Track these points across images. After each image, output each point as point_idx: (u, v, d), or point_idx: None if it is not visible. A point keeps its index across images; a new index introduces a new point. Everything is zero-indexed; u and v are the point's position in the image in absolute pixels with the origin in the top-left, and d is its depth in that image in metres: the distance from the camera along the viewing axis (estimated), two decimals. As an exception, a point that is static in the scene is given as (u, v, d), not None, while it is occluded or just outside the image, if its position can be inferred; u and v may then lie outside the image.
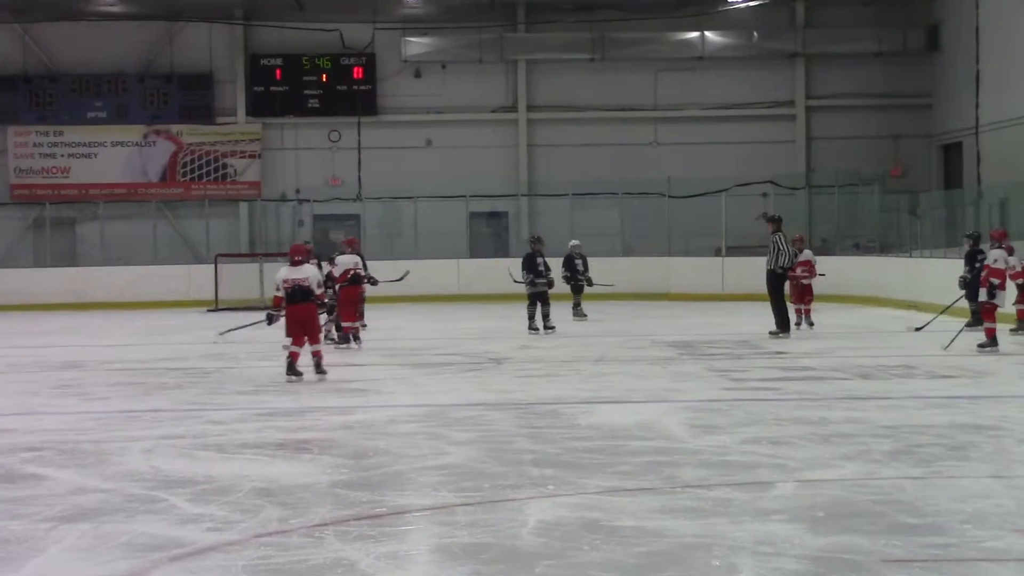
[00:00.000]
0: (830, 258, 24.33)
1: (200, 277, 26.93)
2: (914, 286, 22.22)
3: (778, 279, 17.36)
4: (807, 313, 18.47)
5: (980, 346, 14.53)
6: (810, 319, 18.43)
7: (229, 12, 30.56)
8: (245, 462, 8.12)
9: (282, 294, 12.73)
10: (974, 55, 27.35)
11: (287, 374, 12.53)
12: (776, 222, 17.68)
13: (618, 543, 5.83)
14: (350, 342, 16.46)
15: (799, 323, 18.12)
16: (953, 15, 28.97)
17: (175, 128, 30.64)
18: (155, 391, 12.21)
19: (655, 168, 29.62)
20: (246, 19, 30.74)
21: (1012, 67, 25.81)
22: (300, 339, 12.66)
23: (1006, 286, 15.09)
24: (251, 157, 30.86)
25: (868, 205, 28.15)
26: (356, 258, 16.86)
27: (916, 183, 29.49)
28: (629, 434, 9.01)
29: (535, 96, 30.94)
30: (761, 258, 17.99)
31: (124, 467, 8.00)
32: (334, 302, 16.41)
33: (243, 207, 30.71)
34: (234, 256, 28.29)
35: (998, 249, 15.12)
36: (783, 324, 17.17)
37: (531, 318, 18.29)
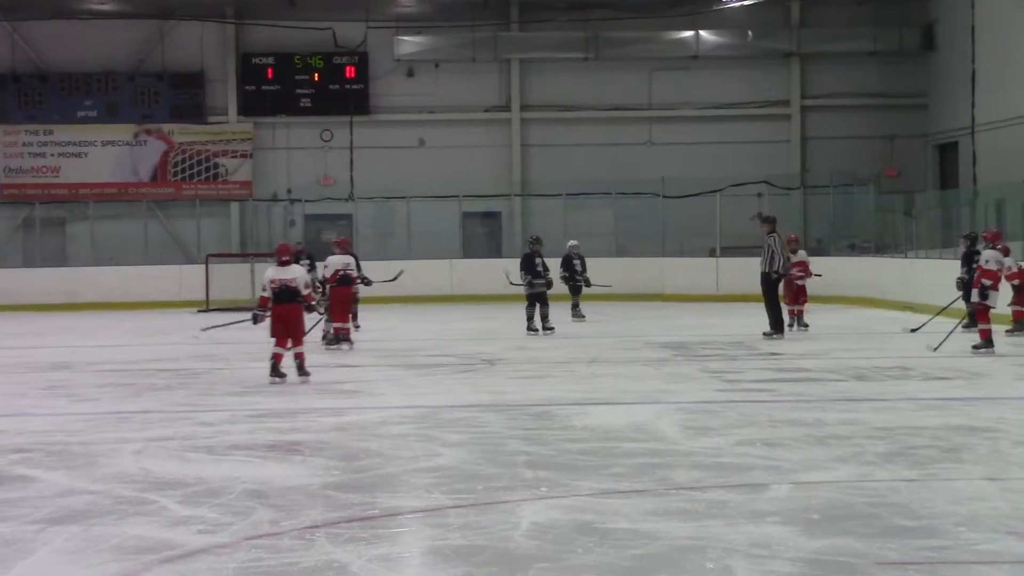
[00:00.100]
0: (825, 259, 24.40)
1: (191, 277, 26.78)
2: (910, 287, 22.17)
3: (772, 281, 17.30)
4: (800, 314, 18.44)
5: (975, 347, 14.52)
6: (803, 320, 18.40)
7: (220, 10, 30.45)
8: (236, 464, 8.12)
9: (268, 294, 12.67)
10: (970, 54, 27.29)
11: (270, 375, 12.50)
12: (771, 223, 17.61)
13: (611, 545, 5.82)
14: (340, 343, 16.38)
15: (792, 324, 18.06)
16: (948, 14, 28.90)
17: (166, 127, 30.51)
18: (145, 392, 12.21)
19: (649, 168, 29.56)
20: (238, 17, 30.63)
21: (1008, 66, 25.75)
22: (283, 340, 12.59)
23: (1000, 287, 15.04)
24: (242, 157, 30.72)
25: (863, 205, 28.06)
26: (347, 259, 16.78)
27: (912, 183, 29.46)
28: (622, 436, 8.99)
29: (529, 95, 30.86)
30: (756, 259, 17.90)
31: (114, 469, 7.99)
32: (327, 303, 16.35)
33: (234, 207, 30.61)
34: (225, 256, 28.19)
35: (992, 250, 15.11)
36: (777, 325, 17.13)
37: (530, 319, 18.24)
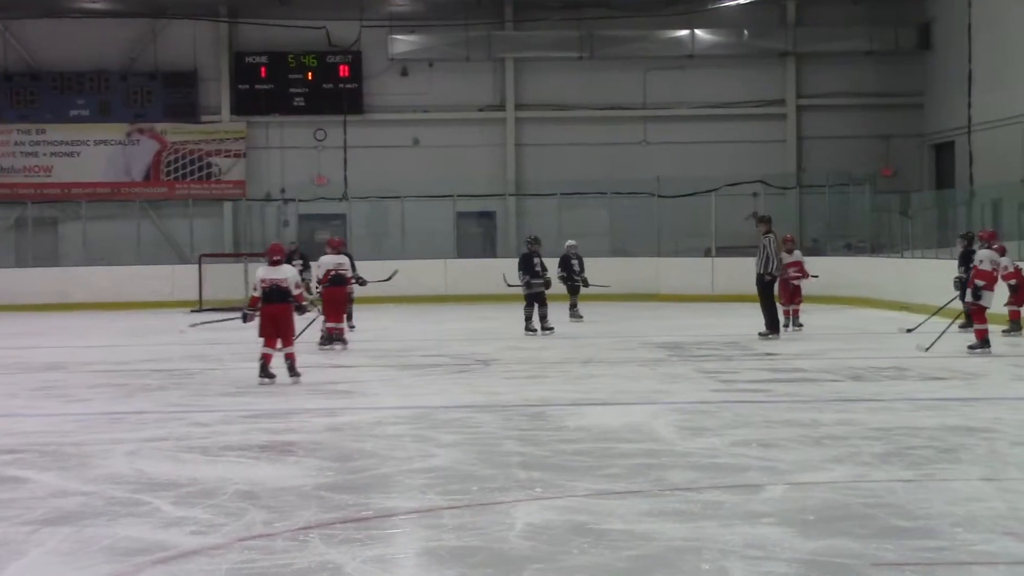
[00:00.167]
0: (821, 258, 24.36)
1: (184, 277, 26.70)
2: (906, 287, 22.14)
3: (767, 282, 17.25)
4: (795, 314, 18.42)
5: (970, 348, 14.51)
6: (798, 320, 18.39)
7: (213, 9, 30.39)
8: (229, 464, 8.10)
9: (259, 293, 12.65)
10: (966, 54, 27.25)
11: (259, 376, 12.48)
12: (766, 222, 17.57)
13: (607, 546, 5.81)
14: (333, 343, 16.35)
15: (787, 324, 18.03)
16: (945, 13, 28.86)
17: (159, 127, 30.45)
18: (138, 393, 12.18)
19: (644, 168, 29.52)
20: (231, 16, 30.56)
21: (1005, 66, 25.69)
22: (272, 340, 12.57)
23: (995, 287, 14.98)
24: (236, 156, 30.67)
25: (859, 205, 28.06)
26: (339, 258, 16.70)
27: (907, 183, 29.43)
28: (618, 436, 8.96)
29: (523, 95, 30.81)
30: (751, 259, 17.91)
31: (107, 470, 7.97)
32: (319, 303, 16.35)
33: (227, 207, 30.55)
34: (218, 256, 28.08)
35: (986, 250, 15.07)
36: (773, 325, 17.11)
37: (528, 319, 18.20)
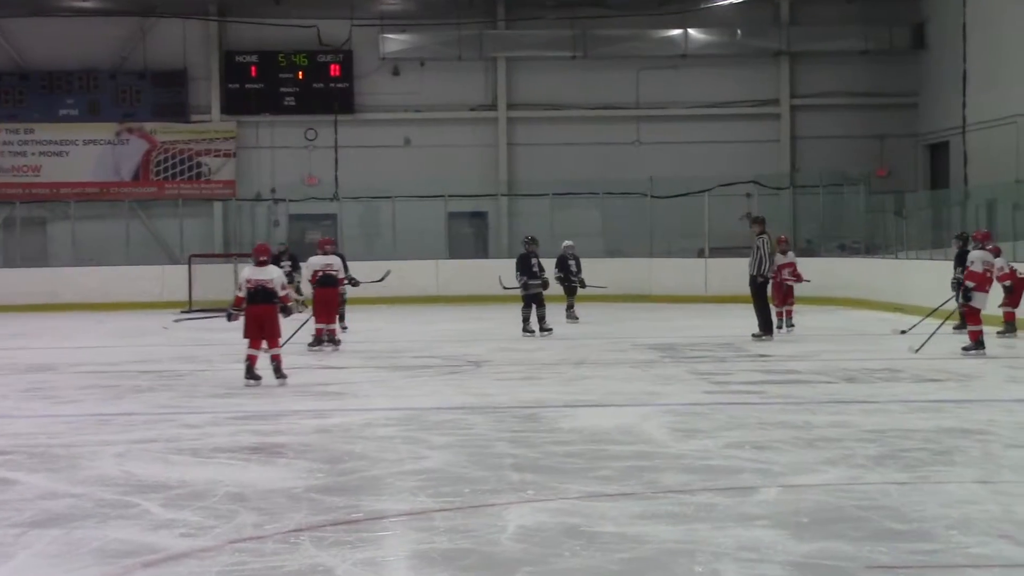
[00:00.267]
0: (815, 259, 24.47)
1: (173, 278, 26.63)
2: (900, 288, 22.11)
3: (760, 284, 17.23)
4: (788, 315, 18.41)
5: (964, 349, 14.51)
6: (791, 321, 18.38)
7: (203, 8, 30.26)
8: (219, 466, 8.10)
9: (244, 294, 12.62)
10: (961, 53, 27.18)
11: (245, 377, 12.44)
12: (760, 223, 17.56)
13: (599, 549, 5.81)
14: (322, 344, 16.30)
15: (780, 326, 18.01)
16: (939, 13, 28.79)
17: (148, 126, 30.29)
18: (128, 394, 12.18)
19: (637, 168, 29.43)
20: (221, 15, 30.43)
21: (1000, 65, 25.61)
22: (257, 341, 12.52)
23: (989, 288, 14.95)
24: (226, 156, 30.52)
25: (853, 205, 28.01)
26: (328, 259, 16.63)
27: (902, 183, 29.33)
28: (610, 438, 8.96)
29: (515, 94, 30.69)
30: (744, 259, 17.89)
31: (96, 471, 7.96)
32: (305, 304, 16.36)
33: (217, 207, 30.40)
34: (208, 256, 27.98)
35: (979, 251, 15.04)
36: (766, 327, 17.11)
37: (525, 320, 18.15)
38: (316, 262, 16.53)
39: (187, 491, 7.23)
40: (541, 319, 18.04)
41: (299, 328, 16.05)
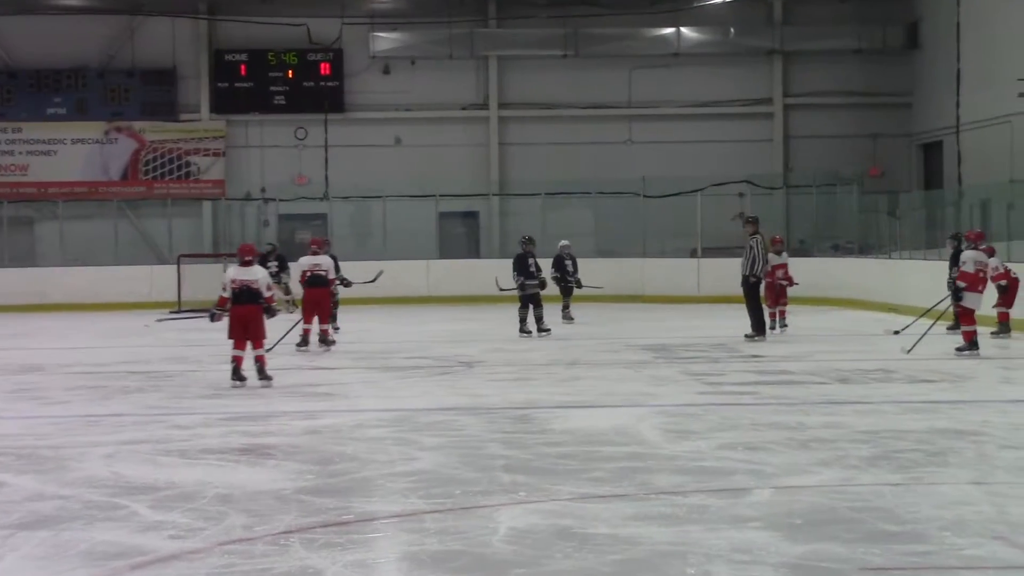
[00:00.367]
0: (808, 259, 24.49)
1: (162, 278, 26.49)
2: (894, 288, 22.06)
3: (754, 284, 17.18)
4: (781, 315, 18.36)
5: (958, 350, 14.49)
6: (784, 321, 18.33)
7: (193, 6, 30.12)
8: (208, 468, 8.10)
9: (228, 294, 12.54)
10: (955, 52, 27.11)
11: (232, 379, 12.37)
12: (754, 223, 17.50)
13: (591, 551, 5.80)
14: (308, 344, 16.24)
15: (773, 326, 17.97)
16: (933, 12, 28.73)
17: (137, 125, 30.13)
18: (116, 395, 12.17)
19: (629, 167, 29.30)
20: (210, 13, 30.30)
21: (993, 65, 25.55)
22: (242, 342, 12.43)
23: (983, 288, 14.90)
24: (215, 155, 30.37)
25: (847, 205, 27.87)
26: (317, 259, 16.59)
27: (895, 183, 29.26)
28: (603, 439, 8.96)
29: (507, 93, 30.58)
30: (737, 260, 17.85)
31: (84, 473, 7.95)
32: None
33: (207, 206, 30.28)
34: (197, 257, 27.87)
35: (971, 251, 15.01)
36: (759, 327, 17.07)
37: (522, 321, 18.09)
38: (305, 262, 16.57)
39: (176, 493, 7.22)
40: (539, 319, 17.98)
41: (290, 329, 16.07)
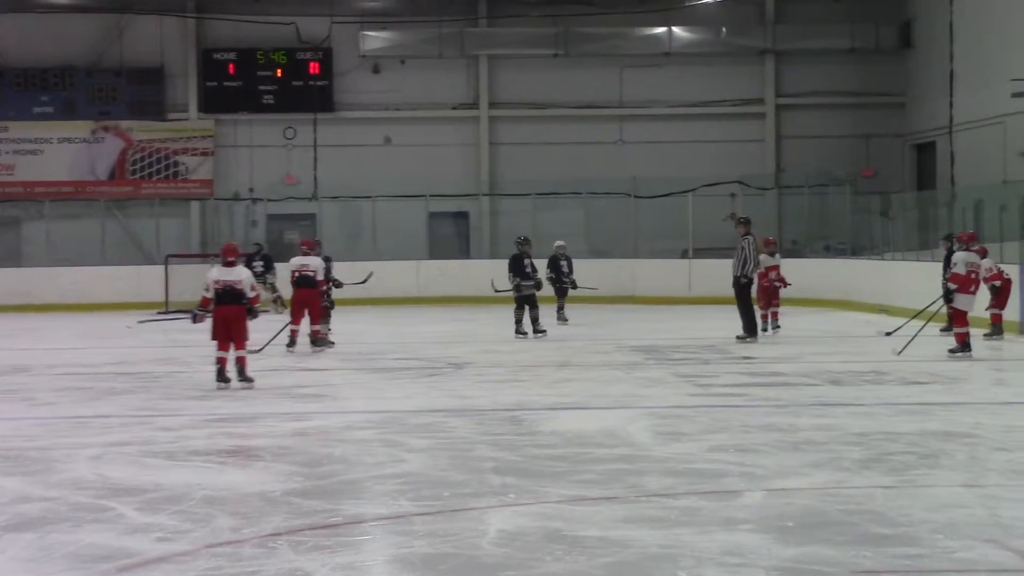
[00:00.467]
0: (800, 260, 24.45)
1: (150, 278, 26.42)
2: (886, 289, 22.04)
3: (744, 285, 17.15)
4: (774, 316, 18.30)
5: (951, 351, 14.47)
6: (776, 322, 18.26)
7: (181, 4, 29.99)
8: (196, 470, 8.09)
9: (211, 295, 12.51)
10: (948, 53, 27.04)
11: (216, 380, 12.33)
12: (745, 224, 17.47)
13: (581, 553, 5.78)
14: (294, 345, 16.21)
15: (765, 328, 17.90)
16: (926, 12, 28.65)
17: (124, 124, 29.98)
18: (103, 396, 12.17)
19: (621, 167, 29.20)
20: (198, 11, 30.16)
21: (987, 65, 25.45)
22: (225, 344, 12.37)
23: (975, 290, 14.86)
24: (203, 155, 30.24)
25: (839, 206, 27.78)
26: (306, 259, 16.56)
27: (888, 184, 29.18)
28: (593, 441, 8.93)
29: (497, 92, 30.45)
30: (729, 260, 17.79)
31: (70, 475, 7.92)
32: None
33: (195, 206, 30.15)
34: (185, 257, 27.72)
35: (963, 252, 14.97)
36: (751, 328, 17.06)
37: (518, 322, 18.04)
38: (295, 262, 16.61)
39: (163, 495, 7.20)
40: (534, 320, 17.93)
41: (281, 330, 16.12)
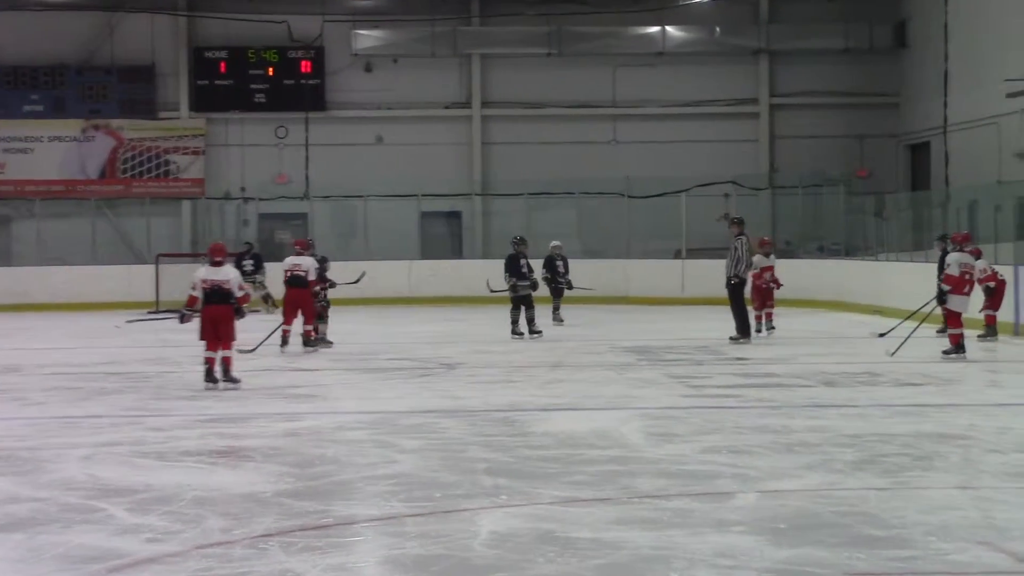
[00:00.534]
0: (793, 261, 24.44)
1: (140, 278, 26.32)
2: (880, 290, 21.99)
3: (737, 285, 17.09)
4: (768, 317, 18.20)
5: (945, 353, 14.45)
6: (771, 323, 18.17)
7: (172, 2, 29.85)
8: (186, 470, 8.08)
9: (198, 294, 12.47)
10: (942, 53, 26.97)
11: (205, 381, 12.31)
12: (739, 224, 17.40)
13: (573, 555, 5.78)
14: (287, 345, 16.23)
15: (759, 329, 17.83)
16: (921, 11, 28.60)
17: (115, 123, 29.85)
18: (94, 396, 12.17)
19: (614, 167, 29.08)
20: (190, 9, 30.03)
21: (981, 65, 25.39)
22: (214, 344, 12.32)
23: (969, 291, 14.82)
24: (194, 153, 30.13)
25: (833, 206, 27.73)
26: (298, 259, 16.56)
27: (882, 184, 29.11)
28: (585, 442, 8.94)
29: (490, 92, 30.34)
30: (722, 261, 17.77)
31: (60, 475, 7.91)
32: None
33: (186, 205, 30.04)
34: (176, 256, 27.58)
35: (957, 253, 14.91)
36: (744, 329, 17.00)
37: (514, 323, 18.00)
38: (288, 262, 16.62)
39: (153, 495, 7.18)
40: (530, 321, 17.89)
41: (274, 331, 16.12)
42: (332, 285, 17.32)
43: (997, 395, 12.00)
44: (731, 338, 16.78)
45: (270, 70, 29.77)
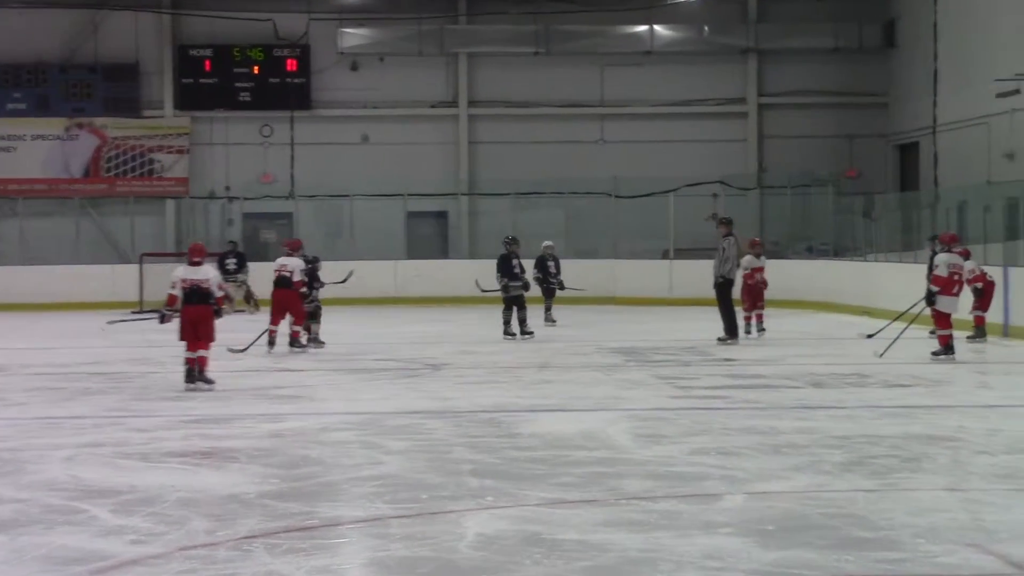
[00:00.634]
0: (782, 261, 24.21)
1: (124, 277, 26.28)
2: (868, 291, 21.96)
3: (724, 285, 17.04)
4: (759, 319, 18.11)
5: (934, 354, 14.44)
6: (761, 325, 18.07)
7: (156, 0, 29.72)
8: (170, 471, 8.07)
9: (178, 292, 12.46)
10: (932, 52, 26.91)
11: (185, 382, 12.32)
12: (727, 224, 17.35)
13: (560, 557, 5.79)
14: (273, 346, 16.19)
15: (749, 331, 17.75)
16: (910, 11, 28.53)
17: (99, 121, 29.67)
18: (76, 396, 12.18)
19: (601, 167, 29.00)
20: (174, 7, 29.85)
21: (971, 65, 25.34)
22: (194, 344, 12.31)
23: (957, 292, 14.79)
24: (179, 152, 29.96)
25: (822, 207, 27.69)
26: (285, 260, 16.52)
27: (871, 184, 29.09)
28: (572, 444, 8.95)
29: (476, 91, 30.22)
30: (710, 261, 17.74)
31: (42, 476, 7.90)
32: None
33: (170, 204, 29.88)
34: (160, 256, 27.40)
35: (945, 254, 14.88)
36: (732, 330, 16.96)
37: (506, 323, 17.95)
38: (277, 263, 16.63)
39: (137, 496, 7.17)
40: (522, 322, 17.83)
41: (264, 331, 16.11)
42: (321, 284, 17.25)
43: (986, 396, 11.98)
44: (719, 339, 16.73)
45: (255, 68, 29.59)
